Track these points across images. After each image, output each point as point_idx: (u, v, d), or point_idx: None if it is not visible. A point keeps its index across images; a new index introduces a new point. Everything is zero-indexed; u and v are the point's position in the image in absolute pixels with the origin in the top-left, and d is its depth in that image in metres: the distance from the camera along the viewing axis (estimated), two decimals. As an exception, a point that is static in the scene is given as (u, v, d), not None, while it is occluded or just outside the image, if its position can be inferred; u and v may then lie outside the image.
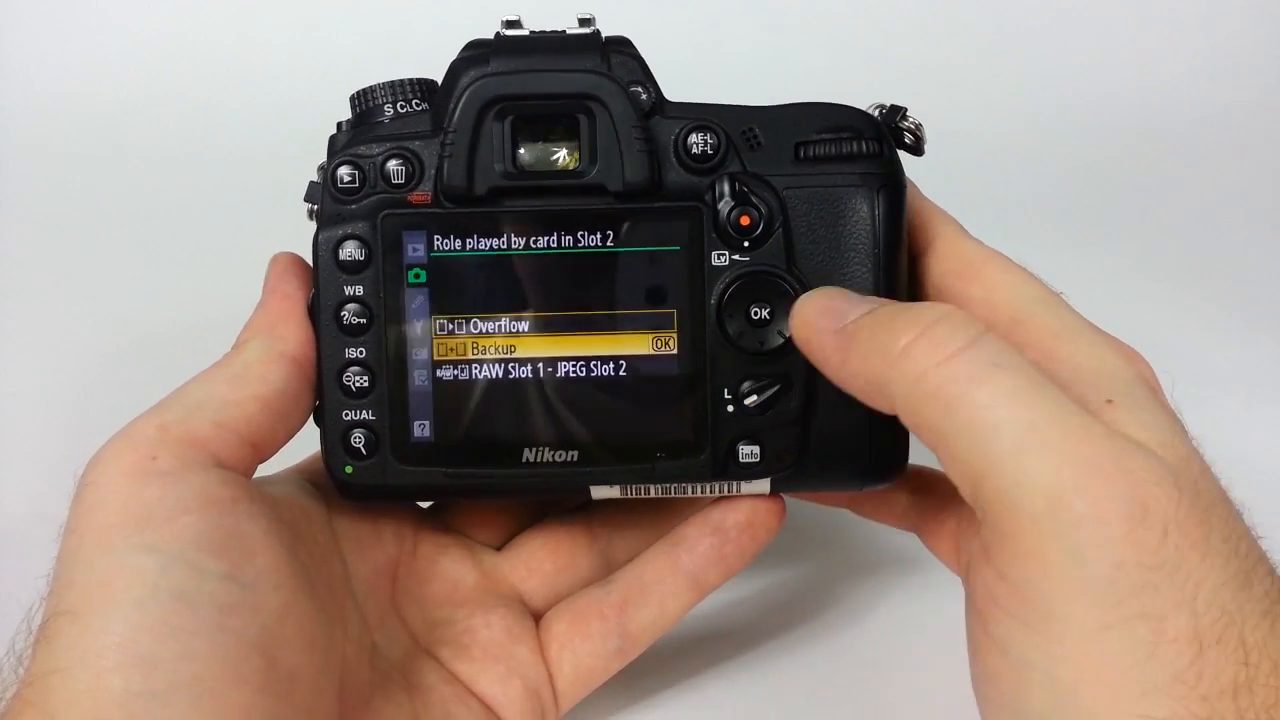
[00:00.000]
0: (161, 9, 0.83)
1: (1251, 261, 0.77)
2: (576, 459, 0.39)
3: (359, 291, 0.39)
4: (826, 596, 0.50)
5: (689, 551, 0.41)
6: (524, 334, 0.39)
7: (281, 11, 0.84)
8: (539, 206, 0.38)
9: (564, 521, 0.44)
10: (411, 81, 0.40)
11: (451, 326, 0.39)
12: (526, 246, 0.38)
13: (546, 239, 0.38)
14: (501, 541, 0.44)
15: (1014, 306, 0.37)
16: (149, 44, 0.83)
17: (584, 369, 0.39)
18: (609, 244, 0.38)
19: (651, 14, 0.74)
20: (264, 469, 0.38)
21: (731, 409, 0.39)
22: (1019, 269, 0.38)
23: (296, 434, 0.39)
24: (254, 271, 0.42)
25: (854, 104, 0.40)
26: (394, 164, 0.38)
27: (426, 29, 0.78)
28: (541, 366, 0.39)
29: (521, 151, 0.38)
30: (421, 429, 0.39)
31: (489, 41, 0.39)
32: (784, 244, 0.39)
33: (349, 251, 0.39)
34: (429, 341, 0.39)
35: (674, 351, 0.39)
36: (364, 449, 0.39)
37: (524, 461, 0.39)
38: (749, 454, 0.39)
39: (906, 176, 0.40)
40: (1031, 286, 0.37)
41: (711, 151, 0.38)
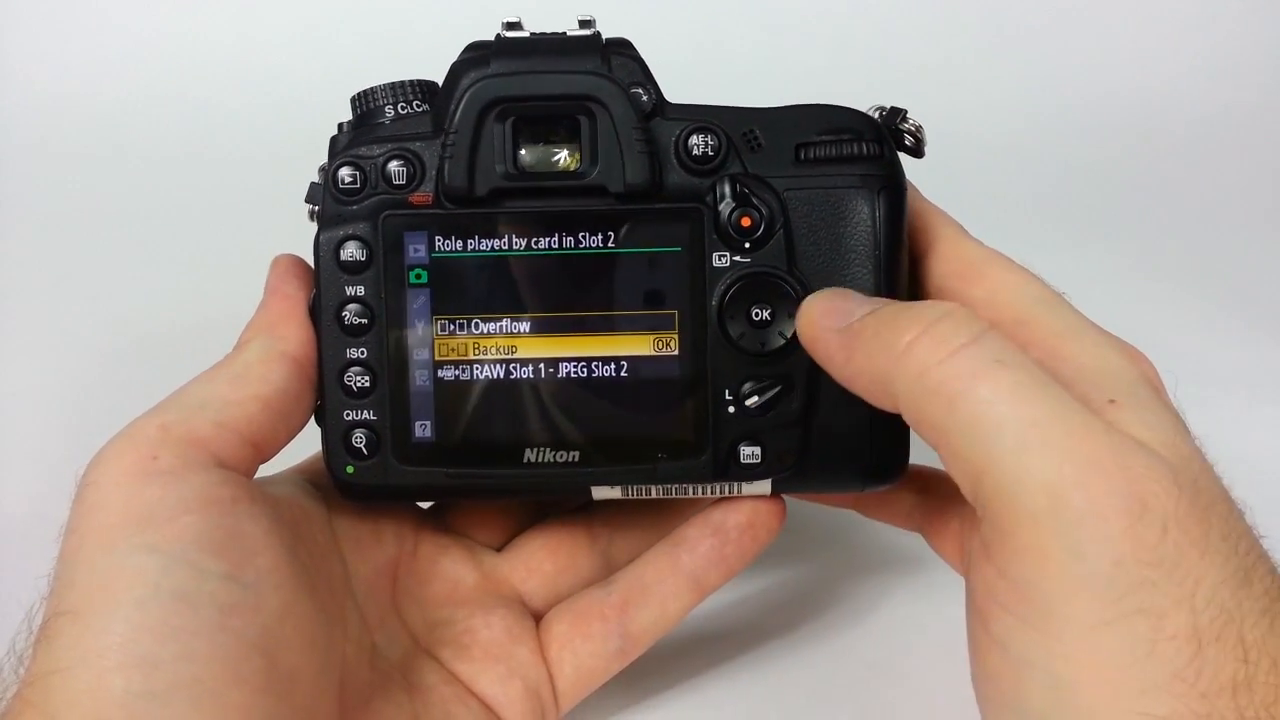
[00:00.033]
0: (161, 9, 0.84)
1: (1251, 261, 0.77)
2: (577, 459, 0.39)
3: (360, 292, 0.39)
4: (828, 597, 0.50)
5: (690, 552, 0.41)
6: (525, 335, 0.39)
7: (281, 11, 0.84)
8: (540, 207, 0.38)
9: (564, 522, 0.44)
10: (412, 83, 0.40)
11: (453, 327, 0.39)
12: (527, 247, 0.38)
13: (547, 240, 0.38)
14: (502, 542, 0.44)
15: (1017, 307, 0.37)
16: (149, 44, 0.83)
17: (585, 370, 0.39)
18: (610, 245, 0.38)
19: (652, 15, 0.74)
20: (265, 469, 0.38)
21: (733, 410, 0.39)
22: (1021, 269, 0.38)
23: (297, 434, 0.39)
24: (254, 272, 0.42)
25: (854, 105, 0.40)
26: (395, 165, 0.38)
27: (426, 30, 0.78)
28: (542, 367, 0.39)
29: (522, 153, 0.38)
30: (423, 429, 0.39)
31: (490, 43, 0.39)
32: (785, 245, 0.39)
33: (350, 252, 0.39)
34: (430, 342, 0.39)
35: (675, 352, 0.39)
36: (365, 449, 0.39)
37: (525, 462, 0.39)
38: (750, 455, 0.39)
39: (907, 178, 0.40)
40: (1034, 287, 0.37)
41: (712, 153, 0.38)
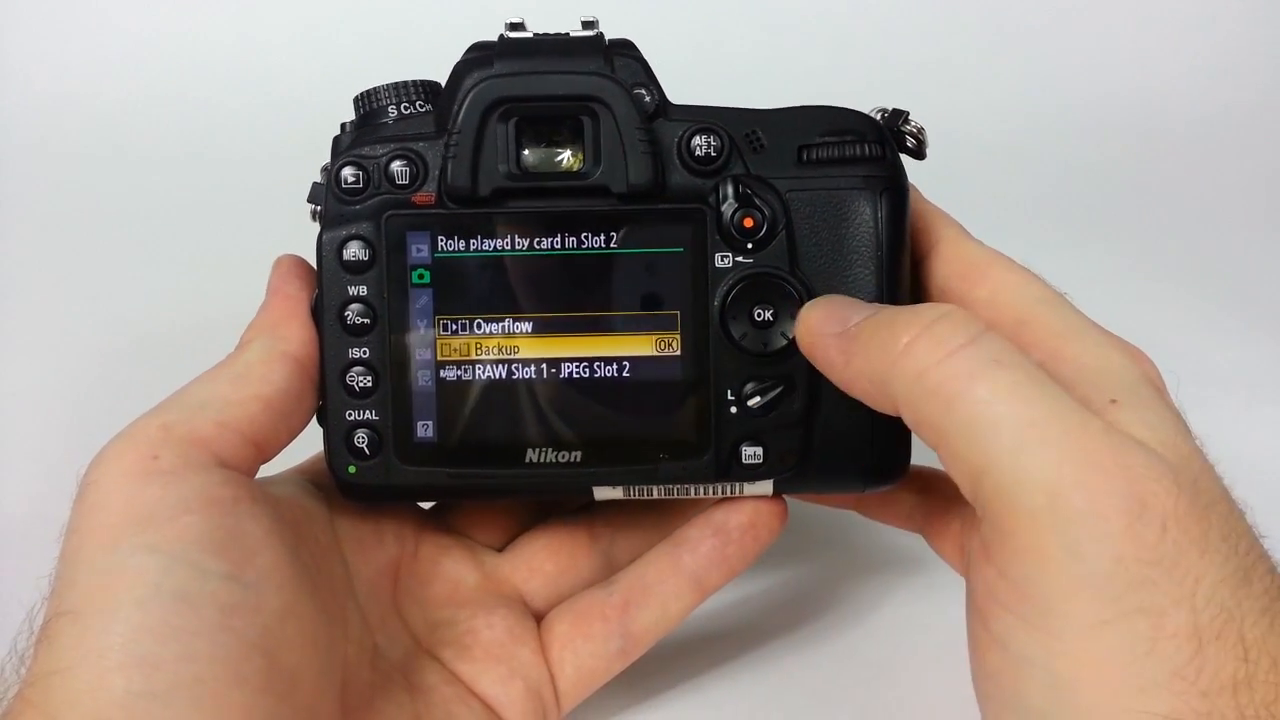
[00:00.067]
0: (161, 9, 0.83)
1: (1251, 261, 0.77)
2: (579, 460, 0.39)
3: (363, 292, 0.39)
4: (829, 597, 0.50)
5: (691, 552, 0.41)
6: (527, 335, 0.39)
7: (282, 11, 0.84)
8: (542, 208, 0.38)
9: (566, 522, 0.44)
10: (415, 83, 0.40)
11: (455, 327, 0.39)
12: (530, 248, 0.38)
13: (550, 240, 0.38)
14: (503, 542, 0.44)
15: (1019, 307, 0.37)
16: (149, 44, 0.82)
17: (587, 370, 0.39)
18: (612, 245, 0.38)
19: (654, 16, 0.74)
20: (266, 469, 0.38)
21: (735, 410, 0.39)
22: (1023, 270, 0.38)
23: (299, 434, 0.39)
24: (255, 272, 0.42)
25: (855, 106, 0.40)
26: (398, 165, 0.38)
27: (429, 30, 0.78)
28: (544, 367, 0.39)
29: (525, 153, 0.38)
30: (424, 429, 0.39)
31: (493, 44, 0.39)
32: (787, 246, 0.39)
33: (353, 252, 0.39)
34: (432, 342, 0.39)
35: (677, 353, 0.39)
36: (367, 449, 0.39)
37: (527, 462, 0.39)
38: (752, 455, 0.39)
39: (909, 180, 0.40)
40: (1036, 287, 0.37)
41: (715, 154, 0.38)
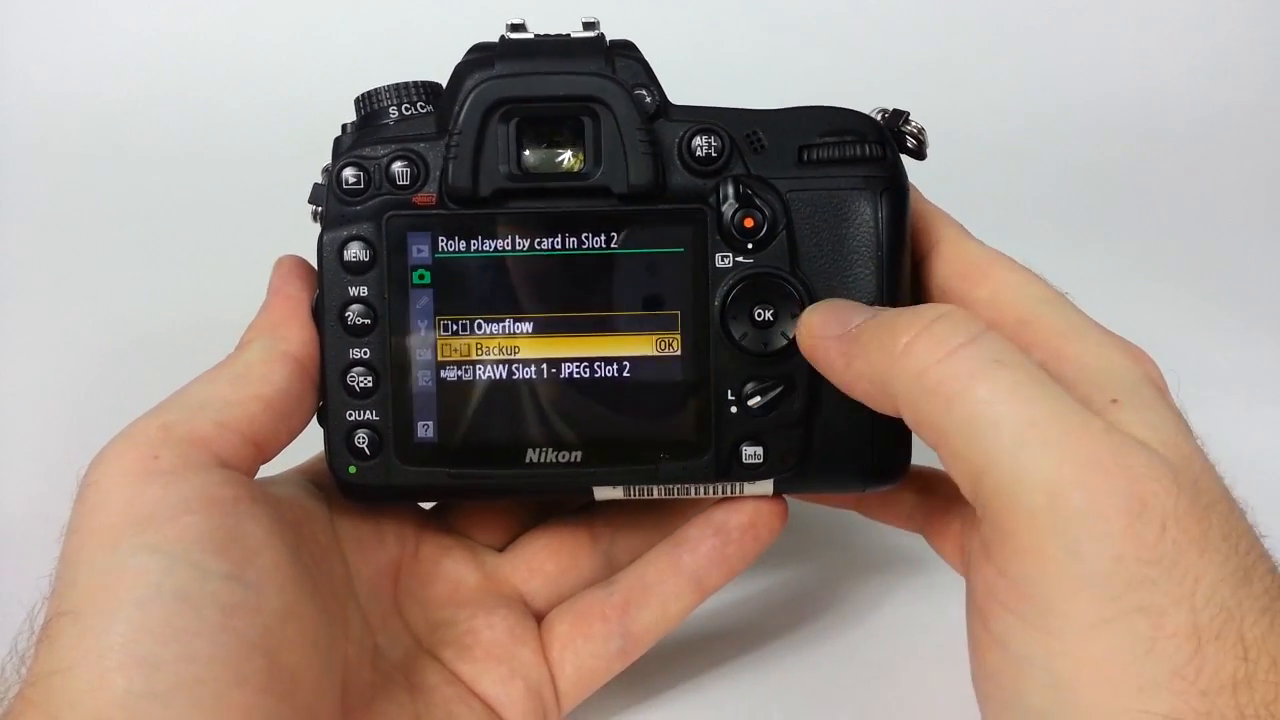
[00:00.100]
0: (161, 9, 0.83)
1: (1251, 261, 0.77)
2: (580, 460, 0.39)
3: (363, 292, 0.39)
4: (830, 597, 0.50)
5: (691, 552, 0.41)
6: (527, 335, 0.39)
7: (282, 11, 0.84)
8: (543, 208, 0.38)
9: (566, 522, 0.44)
10: (416, 84, 0.40)
11: (455, 327, 0.39)
12: (530, 248, 0.38)
13: (550, 241, 0.38)
14: (503, 543, 0.44)
15: (1020, 307, 0.37)
16: (149, 44, 0.82)
17: (587, 370, 0.39)
18: (613, 246, 0.38)
19: (655, 17, 0.74)
20: (267, 470, 0.38)
21: (735, 410, 0.39)
22: (1024, 270, 0.38)
23: (299, 434, 0.39)
24: (255, 272, 0.42)
25: (855, 104, 0.40)
26: (399, 165, 0.38)
27: (429, 31, 0.78)
28: (545, 368, 0.39)
29: (526, 154, 0.38)
30: (425, 429, 0.39)
31: (494, 44, 0.39)
32: (787, 246, 0.39)
33: (354, 252, 0.39)
34: (433, 342, 0.39)
35: (677, 353, 0.39)
36: (367, 449, 0.39)
37: (527, 462, 0.39)
38: (752, 455, 0.39)
39: (909, 180, 0.40)
40: (1037, 287, 0.37)
41: (715, 154, 0.38)
